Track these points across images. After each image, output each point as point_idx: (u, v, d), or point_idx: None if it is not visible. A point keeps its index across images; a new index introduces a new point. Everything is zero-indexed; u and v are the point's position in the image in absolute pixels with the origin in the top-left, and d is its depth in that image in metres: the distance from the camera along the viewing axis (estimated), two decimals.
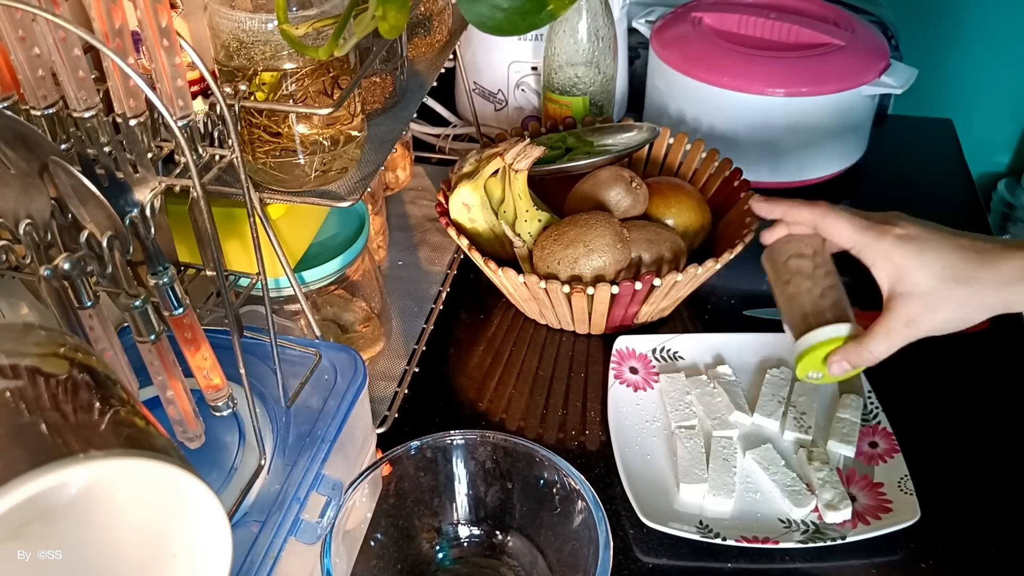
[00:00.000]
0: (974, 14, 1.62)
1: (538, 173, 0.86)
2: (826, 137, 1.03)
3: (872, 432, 0.73)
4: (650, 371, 0.80)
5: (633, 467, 0.71)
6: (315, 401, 0.63)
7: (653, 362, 0.81)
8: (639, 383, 0.79)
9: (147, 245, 0.47)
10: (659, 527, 0.65)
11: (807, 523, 0.67)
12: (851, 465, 0.71)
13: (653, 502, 0.68)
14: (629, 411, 0.77)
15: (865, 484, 0.69)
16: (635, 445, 0.74)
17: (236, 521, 0.55)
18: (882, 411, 0.74)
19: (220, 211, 0.65)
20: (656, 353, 0.82)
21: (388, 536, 0.63)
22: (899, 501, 0.67)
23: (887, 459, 0.71)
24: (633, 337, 0.82)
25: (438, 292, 0.91)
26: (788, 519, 0.68)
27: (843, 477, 0.70)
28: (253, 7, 0.59)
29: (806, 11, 1.08)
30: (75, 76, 0.45)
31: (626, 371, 0.80)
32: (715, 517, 0.68)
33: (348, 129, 0.65)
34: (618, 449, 0.72)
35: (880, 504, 0.67)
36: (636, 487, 0.69)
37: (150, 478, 0.35)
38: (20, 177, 0.43)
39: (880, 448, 0.72)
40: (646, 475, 0.71)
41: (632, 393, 0.78)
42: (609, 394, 0.77)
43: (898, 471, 0.69)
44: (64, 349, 0.38)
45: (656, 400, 0.78)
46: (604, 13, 0.96)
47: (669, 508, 0.69)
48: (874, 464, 0.71)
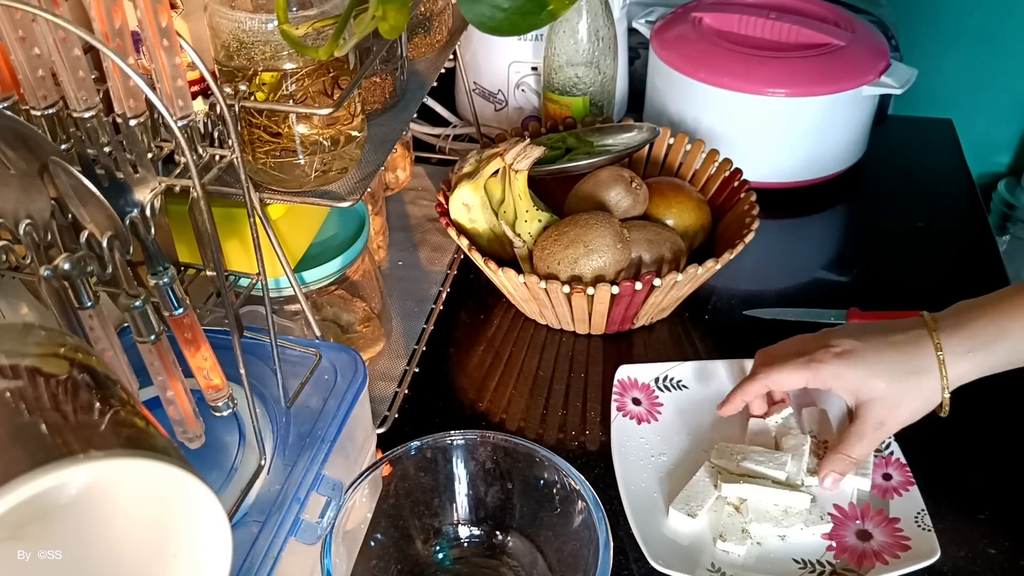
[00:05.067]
0: (974, 14, 1.62)
1: (538, 173, 0.86)
2: (826, 137, 1.03)
3: (885, 463, 0.71)
4: (654, 402, 0.78)
5: (640, 505, 0.68)
6: (315, 401, 0.63)
7: (656, 392, 0.78)
8: (643, 415, 0.76)
9: (147, 245, 0.47)
10: (670, 572, 0.63)
11: (823, 563, 0.65)
12: (866, 499, 0.69)
13: (663, 543, 0.65)
14: (634, 445, 0.73)
15: (881, 520, 0.67)
16: (640, 483, 0.70)
17: (236, 521, 0.55)
18: (894, 441, 0.72)
19: (220, 211, 0.65)
20: (659, 382, 0.79)
21: (388, 536, 0.63)
22: (917, 538, 0.65)
23: (902, 492, 0.69)
24: (635, 367, 0.79)
25: (438, 292, 0.91)
26: (803, 559, 0.65)
27: (857, 513, 0.68)
28: (253, 7, 0.59)
29: (806, 11, 1.08)
30: (75, 76, 0.45)
31: (629, 403, 0.77)
32: (727, 560, 0.65)
33: (348, 129, 0.65)
34: (623, 486, 0.69)
35: (897, 542, 0.65)
36: (644, 528, 0.66)
37: (150, 478, 0.35)
38: (20, 177, 0.43)
39: (895, 480, 0.70)
40: (654, 514, 0.68)
41: (636, 426, 0.75)
42: (612, 428, 0.74)
43: (915, 505, 0.67)
44: (64, 349, 0.38)
45: (661, 433, 0.75)
46: (604, 13, 0.96)
47: (679, 549, 0.66)
48: (889, 498, 0.69)
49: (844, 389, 0.66)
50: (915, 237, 1.00)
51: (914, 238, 1.00)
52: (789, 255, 1.00)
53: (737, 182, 0.89)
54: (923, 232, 1.01)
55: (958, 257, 0.97)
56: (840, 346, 0.66)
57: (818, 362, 0.66)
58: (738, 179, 0.90)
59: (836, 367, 0.65)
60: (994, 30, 1.63)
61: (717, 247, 0.88)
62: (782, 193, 1.05)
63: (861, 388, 0.65)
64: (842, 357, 0.65)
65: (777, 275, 0.96)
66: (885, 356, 0.65)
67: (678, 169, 0.95)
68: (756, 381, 0.69)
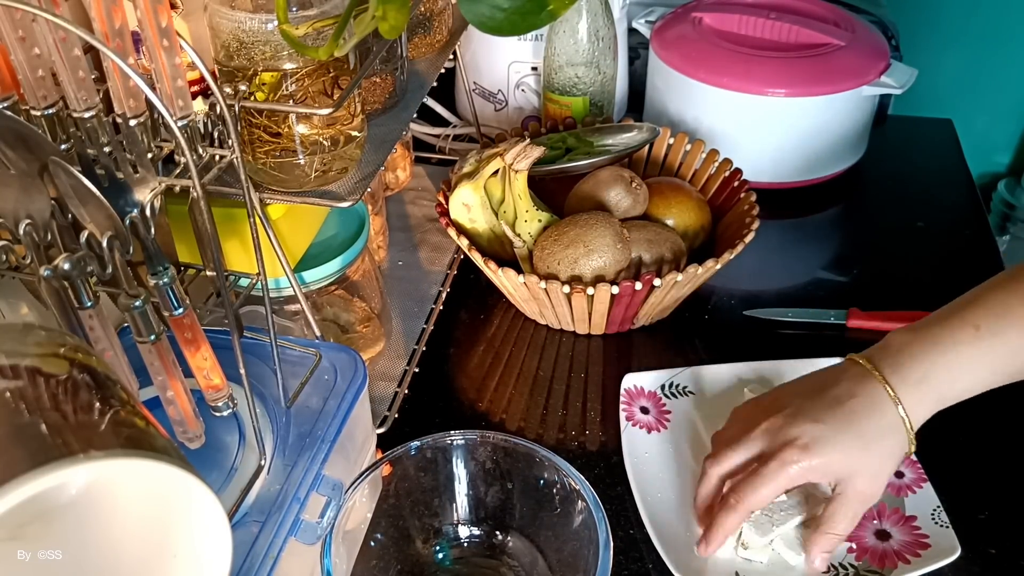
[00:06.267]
0: (974, 14, 1.62)
1: (538, 173, 0.86)
2: (826, 137, 1.03)
3: None
4: (662, 410, 0.77)
5: (662, 518, 0.67)
6: (315, 401, 0.63)
7: (663, 399, 0.78)
8: (652, 424, 0.76)
9: (147, 245, 0.47)
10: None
11: (845, 566, 0.65)
12: (881, 498, 0.67)
13: (686, 555, 0.64)
14: (649, 456, 0.73)
15: (898, 519, 0.67)
16: (657, 492, 0.70)
17: (236, 521, 0.55)
18: None
19: (220, 211, 0.65)
20: (665, 389, 0.79)
21: (388, 536, 0.63)
22: (936, 535, 0.65)
23: (916, 489, 0.69)
24: (640, 375, 0.79)
25: (438, 292, 0.91)
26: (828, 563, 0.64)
27: (873, 512, 0.67)
28: (253, 7, 0.59)
29: (806, 11, 1.08)
30: (75, 76, 0.45)
31: (637, 411, 0.76)
32: (750, 568, 0.64)
33: (348, 129, 0.65)
34: (640, 498, 0.68)
35: (917, 540, 0.65)
36: (666, 540, 0.65)
37: (150, 478, 0.35)
38: (20, 177, 0.43)
39: (907, 478, 0.70)
40: (675, 524, 0.67)
41: (647, 435, 0.74)
42: (623, 438, 0.74)
43: (930, 502, 0.67)
44: (64, 349, 0.38)
45: (672, 441, 0.75)
46: (604, 13, 0.96)
47: (703, 559, 0.65)
48: (903, 496, 0.69)
49: (824, 478, 0.63)
50: (915, 237, 1.00)
51: (914, 238, 1.00)
52: (789, 255, 1.00)
53: (737, 182, 0.89)
54: (923, 232, 1.01)
55: (958, 257, 0.97)
56: (801, 436, 0.62)
57: (791, 463, 0.61)
58: (738, 179, 0.90)
59: (809, 463, 0.61)
60: (994, 30, 1.63)
61: (717, 247, 0.88)
62: (782, 193, 1.05)
63: (839, 471, 0.62)
64: (809, 450, 0.61)
65: (777, 275, 0.96)
66: (852, 430, 0.61)
67: (678, 169, 0.95)
68: (734, 512, 0.63)
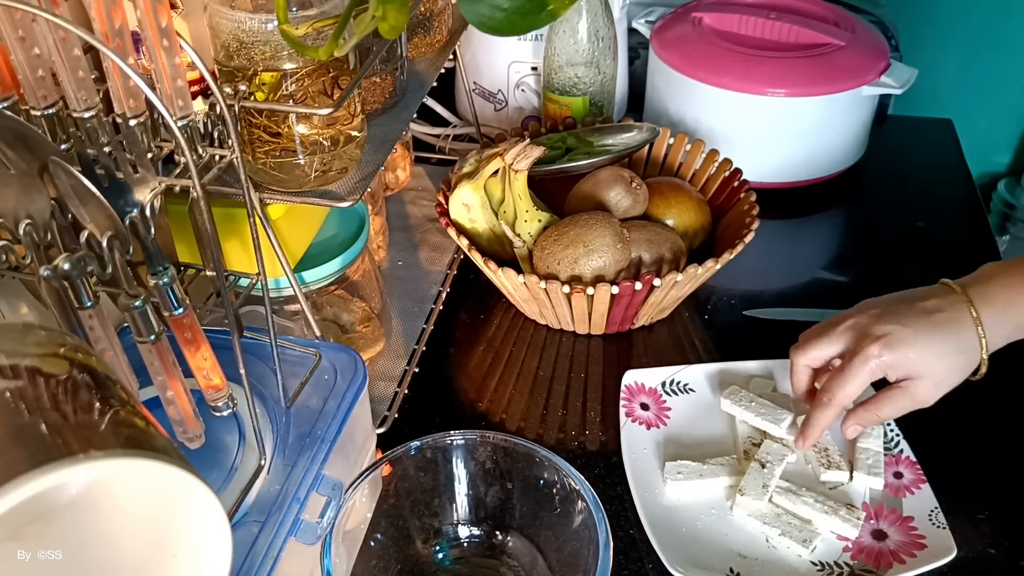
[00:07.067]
0: (974, 14, 1.62)
1: (538, 173, 0.86)
2: (826, 137, 1.03)
3: (895, 462, 0.71)
4: (662, 406, 0.78)
5: (655, 512, 0.68)
6: (315, 401, 0.63)
7: (664, 396, 0.78)
8: (652, 420, 0.76)
9: (147, 245, 0.47)
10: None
11: (840, 564, 0.65)
12: (879, 499, 0.69)
13: (681, 550, 0.65)
14: (648, 452, 0.73)
15: (895, 519, 0.67)
16: (654, 488, 0.70)
17: (236, 521, 0.55)
18: (903, 439, 0.72)
19: (220, 211, 0.65)
20: (666, 386, 0.79)
21: (388, 536, 0.63)
22: (932, 536, 0.65)
23: (914, 490, 0.69)
24: (641, 372, 0.79)
25: (438, 292, 0.91)
26: (820, 561, 0.65)
27: (871, 512, 0.68)
28: (253, 7, 0.59)
29: (806, 11, 1.08)
30: (75, 76, 0.45)
31: (637, 408, 0.77)
32: (745, 564, 0.65)
33: (348, 129, 0.65)
34: (637, 494, 0.69)
35: (913, 540, 0.65)
36: (661, 535, 0.65)
37: (150, 478, 0.35)
38: (20, 177, 0.43)
39: (906, 479, 0.70)
40: (670, 520, 0.68)
41: (646, 431, 0.75)
42: (622, 434, 0.74)
43: (927, 503, 0.67)
44: (64, 349, 0.38)
45: (671, 438, 0.75)
46: (604, 13, 0.96)
47: (699, 555, 0.65)
48: (901, 496, 0.69)
49: (893, 375, 0.66)
50: (915, 237, 1.00)
51: (914, 238, 1.00)
52: (789, 255, 1.00)
53: (737, 182, 0.89)
54: (923, 232, 1.01)
55: (958, 257, 0.97)
56: (886, 333, 0.65)
57: (873, 357, 0.65)
58: (738, 179, 0.90)
59: (889, 358, 0.65)
60: (994, 30, 1.63)
61: (717, 247, 0.88)
62: (782, 193, 1.05)
63: (911, 370, 0.65)
64: (891, 347, 0.65)
65: (777, 275, 0.96)
66: (934, 338, 0.64)
67: (678, 169, 0.95)
68: (828, 407, 0.67)
